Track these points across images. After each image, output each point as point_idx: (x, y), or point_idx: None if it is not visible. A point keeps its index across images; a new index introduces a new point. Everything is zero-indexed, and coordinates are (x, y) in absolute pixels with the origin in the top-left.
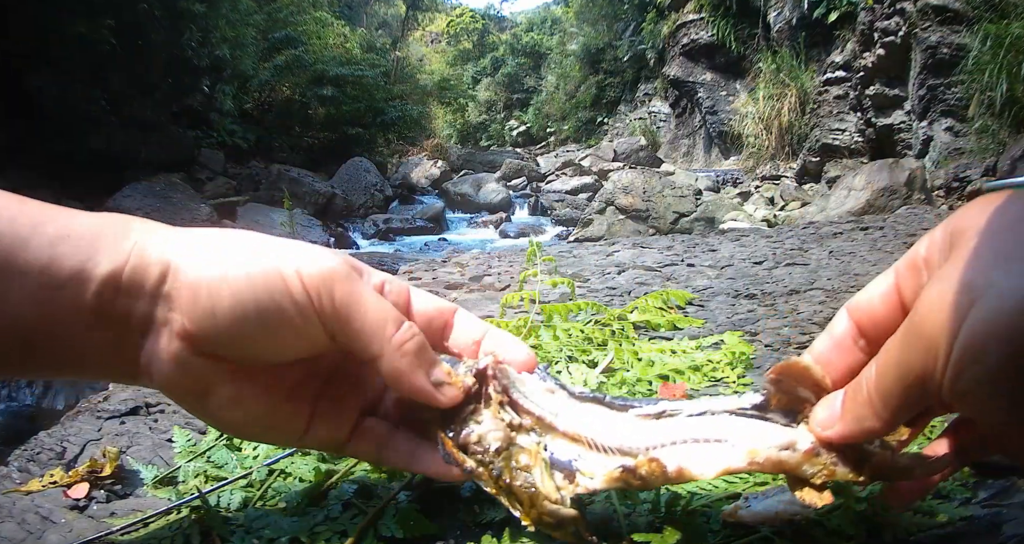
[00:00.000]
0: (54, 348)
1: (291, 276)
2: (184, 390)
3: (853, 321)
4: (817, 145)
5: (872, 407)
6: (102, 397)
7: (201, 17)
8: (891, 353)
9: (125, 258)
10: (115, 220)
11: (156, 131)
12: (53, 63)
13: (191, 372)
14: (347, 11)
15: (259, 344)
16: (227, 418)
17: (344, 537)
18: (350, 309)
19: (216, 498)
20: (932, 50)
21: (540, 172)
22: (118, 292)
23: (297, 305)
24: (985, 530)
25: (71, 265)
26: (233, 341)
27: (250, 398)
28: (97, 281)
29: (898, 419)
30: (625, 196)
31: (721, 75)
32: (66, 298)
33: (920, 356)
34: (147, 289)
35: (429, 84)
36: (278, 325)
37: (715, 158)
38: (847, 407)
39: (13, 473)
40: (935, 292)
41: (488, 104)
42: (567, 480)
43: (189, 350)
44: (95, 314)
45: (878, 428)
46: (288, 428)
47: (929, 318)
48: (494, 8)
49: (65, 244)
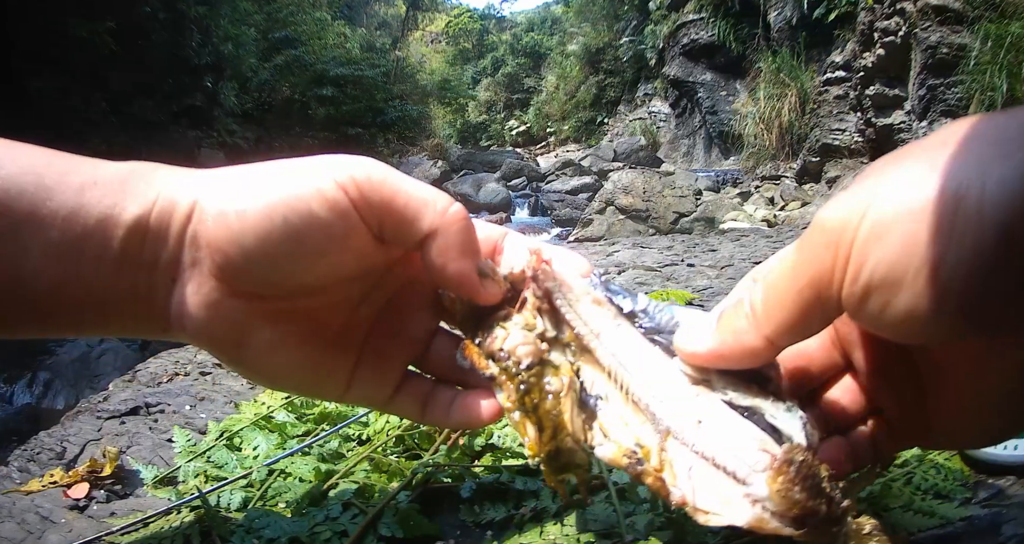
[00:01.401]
0: (76, 304)
1: (318, 178)
2: (220, 338)
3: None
4: (817, 145)
5: (754, 319)
6: (102, 397)
7: (201, 17)
8: (783, 258)
9: (152, 201)
10: (142, 166)
11: (156, 131)
12: (53, 63)
13: (226, 316)
14: (347, 11)
15: (296, 265)
16: (268, 366)
17: (344, 537)
18: (393, 190)
19: (216, 498)
20: (932, 50)
21: (540, 172)
22: (145, 237)
23: (329, 203)
24: (985, 530)
25: (97, 212)
26: (267, 267)
27: (291, 343)
28: (124, 227)
29: (783, 337)
30: (625, 196)
31: (721, 75)
32: (91, 249)
33: (818, 253)
34: (174, 231)
35: (429, 84)
36: (312, 234)
37: (715, 158)
38: (723, 321)
39: (13, 473)
40: (838, 196)
41: (488, 104)
42: (584, 422)
43: (223, 290)
44: (120, 263)
45: (759, 347)
46: (332, 379)
47: (829, 214)
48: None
49: (91, 191)
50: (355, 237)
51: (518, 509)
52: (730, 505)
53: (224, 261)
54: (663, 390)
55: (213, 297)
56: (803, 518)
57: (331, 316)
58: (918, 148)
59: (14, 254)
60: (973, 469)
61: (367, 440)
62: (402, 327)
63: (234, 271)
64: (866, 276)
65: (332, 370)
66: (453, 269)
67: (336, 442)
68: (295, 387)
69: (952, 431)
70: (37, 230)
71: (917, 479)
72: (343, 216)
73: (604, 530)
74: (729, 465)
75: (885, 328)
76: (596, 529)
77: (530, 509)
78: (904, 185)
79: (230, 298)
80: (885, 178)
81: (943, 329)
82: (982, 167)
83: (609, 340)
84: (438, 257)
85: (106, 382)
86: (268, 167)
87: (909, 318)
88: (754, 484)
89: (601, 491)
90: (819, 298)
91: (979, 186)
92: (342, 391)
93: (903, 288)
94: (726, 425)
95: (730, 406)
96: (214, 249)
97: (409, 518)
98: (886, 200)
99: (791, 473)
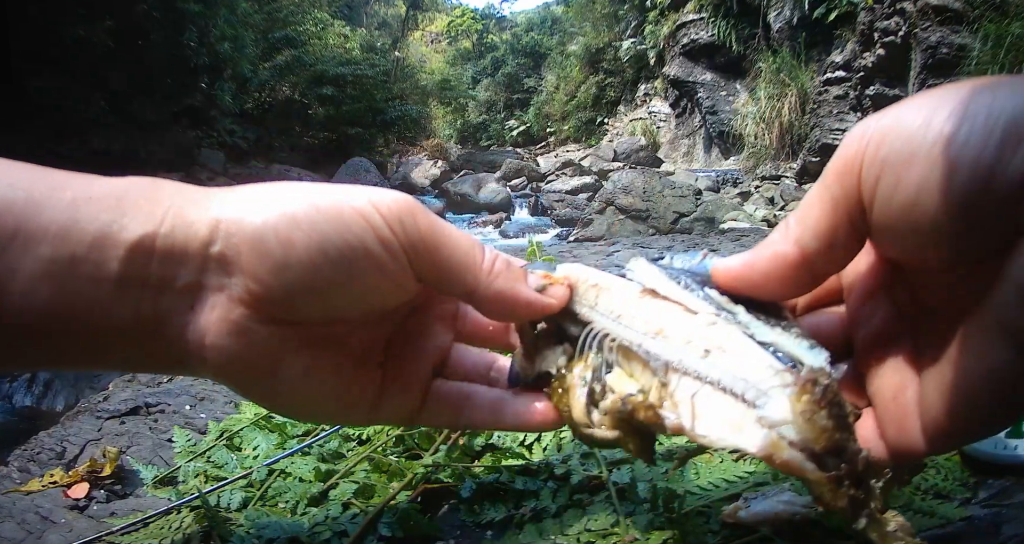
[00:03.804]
0: (70, 329)
1: (367, 209)
2: (249, 368)
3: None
4: (817, 145)
5: (787, 228)
6: (102, 397)
7: (200, 17)
8: (820, 178)
9: (159, 219)
10: (141, 181)
11: (156, 131)
12: (53, 63)
13: (258, 344)
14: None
15: (340, 295)
16: (300, 395)
17: (344, 537)
18: (437, 239)
19: (216, 498)
20: (932, 50)
21: (540, 172)
22: (151, 258)
23: (382, 240)
24: (985, 530)
25: (94, 229)
26: (310, 295)
27: (323, 368)
28: (124, 246)
29: (813, 242)
30: (625, 196)
31: (721, 75)
32: (86, 267)
33: (843, 156)
34: (192, 252)
35: (429, 84)
36: (363, 267)
37: (715, 158)
38: (764, 241)
39: (13, 473)
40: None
41: (488, 104)
42: (600, 394)
43: (255, 317)
44: (120, 284)
45: (790, 253)
46: (361, 401)
47: (854, 128)
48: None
49: (86, 207)
50: (403, 276)
51: (518, 509)
52: (740, 431)
53: (262, 290)
54: (670, 332)
55: (243, 324)
56: (825, 455)
57: (354, 337)
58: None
59: (0, 272)
60: (973, 469)
61: (367, 440)
62: (422, 338)
63: (273, 301)
64: (882, 155)
65: (361, 392)
66: (512, 304)
67: (336, 442)
68: (326, 415)
69: (940, 422)
70: (26, 246)
71: (917, 479)
72: (395, 258)
73: (604, 530)
74: (738, 388)
75: (894, 217)
76: (596, 529)
77: (530, 509)
78: (915, 100)
79: (262, 325)
80: (908, 99)
81: (948, 213)
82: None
83: (631, 316)
84: (493, 301)
85: (106, 382)
86: (299, 189)
87: (918, 195)
88: (769, 405)
89: (601, 491)
90: (846, 197)
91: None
92: (370, 413)
93: (913, 163)
94: (739, 353)
95: (750, 339)
96: (251, 277)
97: (409, 518)
98: (901, 108)
99: (817, 393)
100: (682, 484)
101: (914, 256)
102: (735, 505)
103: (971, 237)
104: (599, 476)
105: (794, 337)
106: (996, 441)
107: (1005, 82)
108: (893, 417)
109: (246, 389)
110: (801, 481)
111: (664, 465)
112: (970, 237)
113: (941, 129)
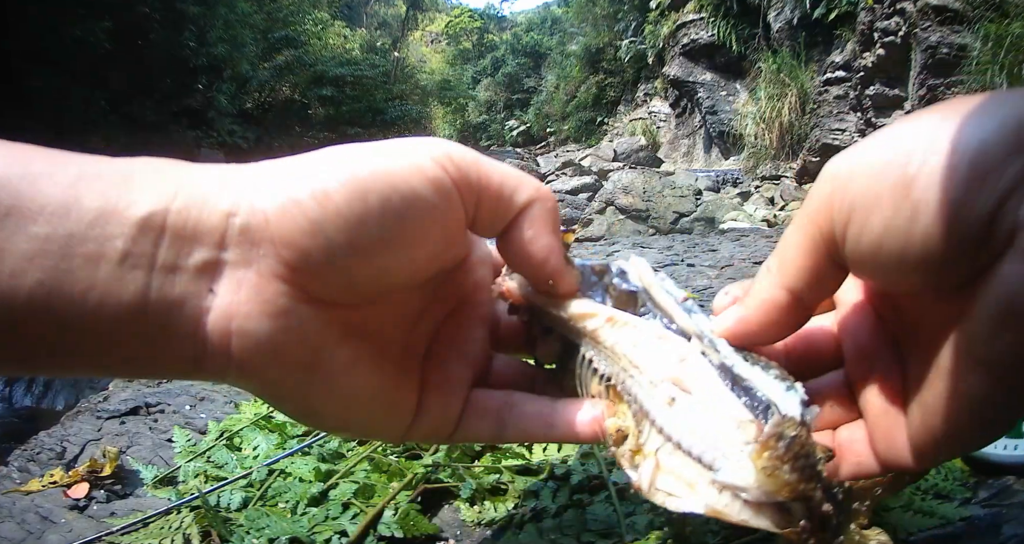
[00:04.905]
0: (63, 318)
1: (412, 154)
2: (283, 359)
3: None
4: (817, 145)
5: (772, 273)
6: (102, 397)
7: (199, 17)
8: (796, 217)
9: (171, 195)
10: (151, 159)
11: (156, 131)
12: (53, 63)
13: (298, 328)
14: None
15: (388, 252)
16: (339, 395)
17: (344, 537)
18: (488, 168)
19: (216, 498)
20: (932, 50)
21: (540, 172)
22: (162, 235)
23: (432, 181)
24: (985, 530)
25: (96, 206)
26: (354, 255)
27: (366, 363)
28: (131, 223)
29: (800, 284)
30: (625, 196)
31: (721, 75)
32: (86, 246)
33: (819, 195)
34: (209, 226)
35: (429, 84)
36: (415, 217)
37: (715, 158)
38: (751, 291)
39: (13, 473)
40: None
41: (488, 104)
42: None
43: (292, 294)
44: (124, 264)
45: (781, 298)
46: (403, 406)
47: (829, 163)
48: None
49: (89, 184)
50: (453, 222)
51: (518, 509)
52: (693, 490)
53: (298, 257)
54: (643, 364)
55: (279, 303)
56: (791, 503)
57: (394, 331)
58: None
59: None
60: (973, 469)
61: (367, 440)
62: (462, 344)
63: (312, 268)
64: (849, 197)
65: (403, 397)
66: (543, 244)
67: (336, 442)
68: (362, 423)
69: (923, 439)
70: (19, 224)
71: None
72: (446, 197)
73: (604, 530)
74: (695, 449)
75: (864, 255)
76: (596, 529)
77: (530, 509)
78: (881, 136)
79: (300, 303)
80: (877, 132)
81: (913, 254)
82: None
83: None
84: (529, 229)
85: (106, 382)
86: (332, 150)
87: (883, 237)
88: (725, 469)
89: (601, 491)
90: (822, 236)
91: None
92: (409, 422)
93: (878, 205)
94: (703, 402)
95: (724, 371)
96: (282, 244)
97: (409, 518)
98: (868, 144)
99: (780, 449)
100: None
101: (888, 286)
102: None
103: (940, 273)
104: (599, 476)
105: (772, 378)
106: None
107: (977, 107)
108: (883, 431)
109: (277, 388)
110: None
111: None
112: (939, 273)
113: (905, 169)
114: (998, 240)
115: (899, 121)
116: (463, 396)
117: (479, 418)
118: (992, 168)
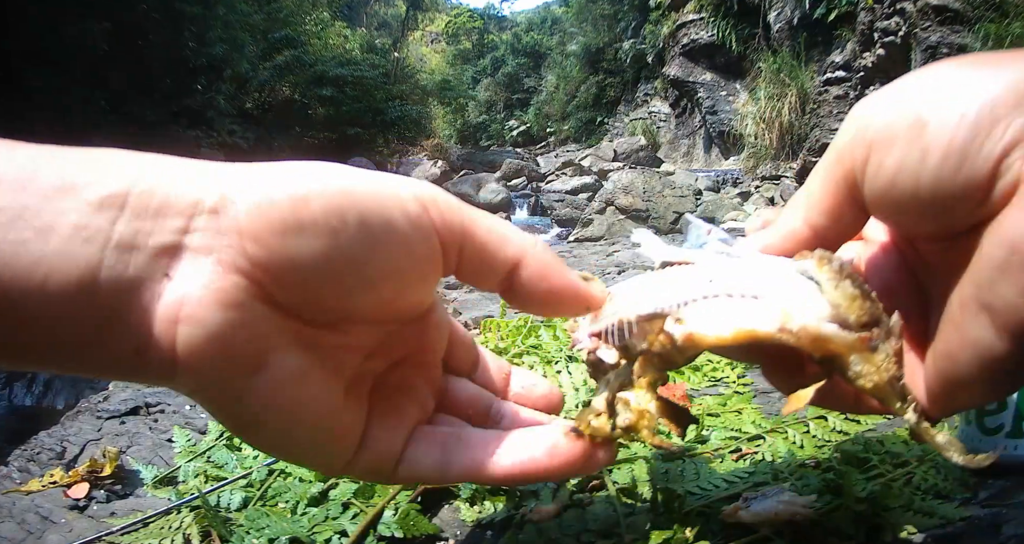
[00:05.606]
0: (13, 301)
1: (396, 186)
2: (228, 356)
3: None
4: (817, 145)
5: (797, 212)
6: (102, 397)
7: (199, 17)
8: (824, 157)
9: (135, 176)
10: (119, 151)
11: (156, 131)
12: (53, 63)
13: (246, 325)
14: (347, 11)
15: (357, 277)
16: (282, 407)
17: (344, 537)
18: (472, 218)
19: (216, 498)
20: (932, 50)
21: (540, 172)
22: (121, 212)
23: (412, 217)
24: (985, 530)
25: (55, 179)
26: (320, 272)
27: (315, 376)
28: (89, 200)
29: (824, 222)
30: (625, 196)
31: (721, 75)
32: (39, 217)
33: (843, 137)
34: (175, 207)
35: (429, 84)
36: (387, 242)
37: (715, 158)
38: (776, 221)
39: (13, 473)
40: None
41: (488, 104)
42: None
43: (249, 290)
44: (74, 239)
45: (803, 233)
46: (347, 434)
47: (847, 123)
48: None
49: (49, 161)
50: (426, 264)
51: (518, 509)
52: (751, 318)
53: (263, 255)
54: (680, 282)
55: (236, 296)
56: (860, 328)
57: (347, 358)
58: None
59: None
60: (973, 469)
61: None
62: (410, 388)
63: (275, 269)
64: (868, 138)
65: (348, 422)
66: (557, 283)
67: None
68: (305, 441)
69: (933, 386)
70: None
71: (917, 479)
72: (425, 237)
73: (604, 530)
74: (746, 288)
75: (878, 196)
76: (596, 529)
77: (530, 509)
78: (901, 82)
79: (257, 302)
80: (900, 78)
81: (922, 193)
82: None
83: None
84: (536, 278)
85: (106, 382)
86: (322, 164)
87: (895, 176)
88: (778, 291)
89: (601, 491)
90: (845, 177)
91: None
92: (351, 453)
93: (892, 146)
94: (743, 267)
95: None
96: (249, 238)
97: (409, 518)
98: (889, 90)
99: (835, 265)
100: (682, 484)
101: (903, 228)
102: (735, 505)
103: (945, 216)
104: (599, 476)
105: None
106: (996, 441)
107: (990, 61)
108: (906, 373)
109: (218, 389)
110: (829, 367)
111: (664, 465)
112: (944, 216)
113: (919, 112)
114: (1002, 188)
115: (921, 68)
116: (407, 430)
117: (423, 453)
118: (999, 119)
